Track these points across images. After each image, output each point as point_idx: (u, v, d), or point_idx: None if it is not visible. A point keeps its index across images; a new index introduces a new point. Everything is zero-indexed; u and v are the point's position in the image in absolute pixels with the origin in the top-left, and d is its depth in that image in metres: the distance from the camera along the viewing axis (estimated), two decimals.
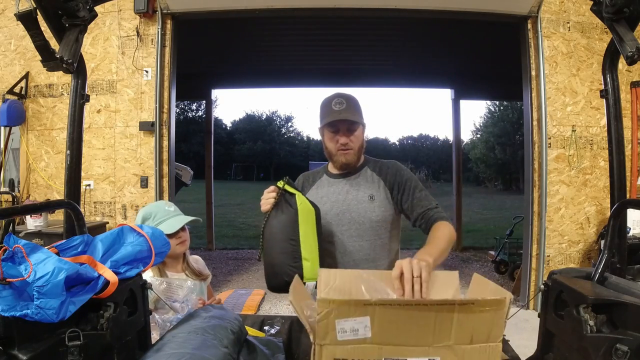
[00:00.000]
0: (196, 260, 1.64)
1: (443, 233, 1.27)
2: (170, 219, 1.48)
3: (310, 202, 1.27)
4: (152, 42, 3.57)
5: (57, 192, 3.63)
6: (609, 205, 1.17)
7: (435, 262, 1.10)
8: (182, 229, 1.50)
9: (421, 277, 0.93)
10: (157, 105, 3.54)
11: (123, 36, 3.61)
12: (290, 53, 5.86)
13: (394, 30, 5.00)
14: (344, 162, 1.44)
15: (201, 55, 5.72)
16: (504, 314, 0.70)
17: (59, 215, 3.52)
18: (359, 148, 1.45)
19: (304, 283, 1.16)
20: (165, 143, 3.59)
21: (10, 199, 3.50)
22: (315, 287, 1.11)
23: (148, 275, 1.36)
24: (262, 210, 1.28)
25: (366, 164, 1.51)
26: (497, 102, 23.71)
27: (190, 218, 1.52)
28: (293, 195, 1.25)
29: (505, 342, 1.17)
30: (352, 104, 1.40)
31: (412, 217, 1.40)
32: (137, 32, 3.56)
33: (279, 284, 1.21)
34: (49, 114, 3.68)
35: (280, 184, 1.26)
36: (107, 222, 3.57)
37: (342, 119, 1.37)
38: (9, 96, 3.57)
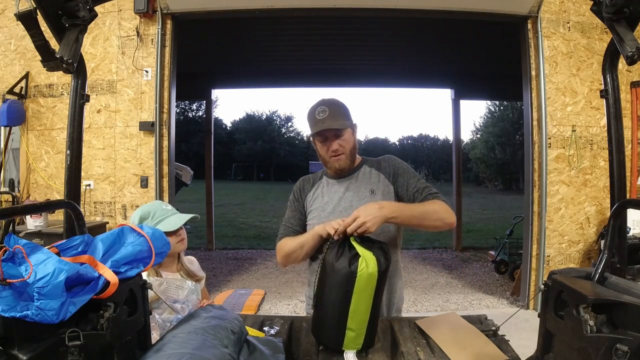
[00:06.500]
0: (191, 262, 1.63)
1: (428, 204, 1.35)
2: (170, 217, 1.48)
3: (377, 260, 1.09)
4: (152, 42, 3.57)
5: (57, 192, 3.63)
6: (609, 205, 1.17)
7: (396, 213, 1.24)
8: (181, 227, 1.50)
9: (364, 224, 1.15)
10: (157, 105, 3.54)
11: (123, 36, 3.61)
12: (290, 53, 5.85)
13: (393, 30, 5.00)
14: (337, 168, 1.45)
15: (201, 55, 5.72)
16: None
17: (59, 215, 3.52)
18: (351, 150, 1.45)
19: (343, 351, 1.11)
20: (165, 143, 3.59)
21: (10, 199, 3.50)
22: (355, 356, 1.10)
23: (144, 275, 1.36)
24: (328, 231, 1.21)
25: (364, 163, 1.52)
26: (497, 102, 23.72)
27: (189, 215, 1.53)
28: (358, 255, 1.10)
29: (505, 342, 1.17)
30: (335, 109, 1.39)
31: None
32: (137, 32, 3.56)
33: (321, 341, 1.17)
34: (49, 114, 3.68)
35: (352, 239, 1.15)
36: (107, 222, 3.57)
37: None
38: (9, 96, 3.57)
